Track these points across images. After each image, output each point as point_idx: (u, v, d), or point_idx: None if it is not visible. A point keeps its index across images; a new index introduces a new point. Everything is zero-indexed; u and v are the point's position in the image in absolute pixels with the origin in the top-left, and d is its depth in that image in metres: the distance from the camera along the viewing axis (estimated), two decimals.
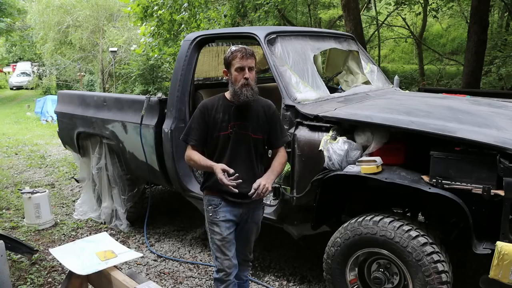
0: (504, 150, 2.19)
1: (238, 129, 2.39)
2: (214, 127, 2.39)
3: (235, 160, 2.39)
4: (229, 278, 2.45)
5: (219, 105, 2.41)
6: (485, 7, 7.06)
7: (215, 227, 2.44)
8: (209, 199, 2.47)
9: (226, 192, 2.35)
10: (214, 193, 2.45)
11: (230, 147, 2.39)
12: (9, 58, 35.92)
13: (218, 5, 9.69)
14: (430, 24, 17.93)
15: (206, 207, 2.49)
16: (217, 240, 2.44)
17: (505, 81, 10.31)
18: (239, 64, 2.32)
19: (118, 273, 2.35)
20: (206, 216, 2.50)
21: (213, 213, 2.44)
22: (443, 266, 2.35)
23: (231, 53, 2.35)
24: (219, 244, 2.43)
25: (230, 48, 2.40)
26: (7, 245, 2.89)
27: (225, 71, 2.43)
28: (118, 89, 16.98)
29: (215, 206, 2.43)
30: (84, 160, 4.75)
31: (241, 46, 2.39)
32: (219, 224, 2.43)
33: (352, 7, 7.66)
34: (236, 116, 2.40)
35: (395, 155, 2.60)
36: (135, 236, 4.32)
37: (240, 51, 2.34)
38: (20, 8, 25.61)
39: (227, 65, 2.39)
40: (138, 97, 4.03)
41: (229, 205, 2.43)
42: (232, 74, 2.36)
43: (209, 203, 2.47)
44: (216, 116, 2.39)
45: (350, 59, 4.09)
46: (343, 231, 2.63)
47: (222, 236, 2.43)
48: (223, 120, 2.39)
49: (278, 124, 2.52)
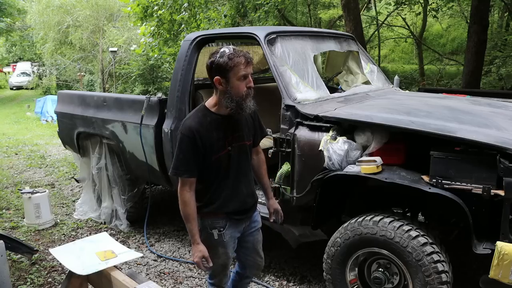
0: (504, 150, 2.19)
1: (236, 142, 2.17)
2: (211, 149, 2.10)
3: (238, 177, 2.22)
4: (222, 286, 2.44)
5: (208, 122, 2.09)
6: (485, 7, 7.06)
7: (221, 249, 2.26)
8: (212, 222, 2.22)
9: (232, 212, 2.22)
10: (218, 215, 2.23)
11: (232, 165, 2.17)
12: (9, 58, 35.91)
13: (218, 5, 9.68)
14: (430, 24, 17.92)
15: (209, 230, 2.23)
16: (221, 262, 2.29)
17: (505, 81, 10.30)
18: (244, 72, 2.01)
19: (118, 273, 2.34)
20: (208, 239, 2.23)
21: (218, 236, 2.22)
22: (443, 266, 2.35)
23: (229, 59, 1.98)
24: (223, 264, 2.32)
25: (222, 51, 2.01)
26: (7, 245, 2.89)
27: (217, 79, 2.03)
28: (118, 89, 16.96)
29: (220, 229, 2.22)
30: (84, 160, 4.75)
31: (237, 49, 2.04)
32: (226, 245, 2.26)
33: (352, 7, 7.66)
34: (231, 129, 2.15)
35: (395, 155, 2.60)
36: (135, 236, 4.32)
37: (244, 56, 2.01)
38: (20, 8, 25.62)
39: (223, 72, 2.00)
40: (138, 97, 4.03)
41: (235, 223, 2.28)
42: (231, 83, 2.01)
43: (212, 226, 2.22)
44: (211, 136, 2.08)
45: (350, 59, 4.09)
46: (343, 231, 2.63)
47: (228, 256, 2.31)
48: (219, 138, 2.11)
49: (260, 121, 2.36)
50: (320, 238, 3.14)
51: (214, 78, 2.05)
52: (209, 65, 2.06)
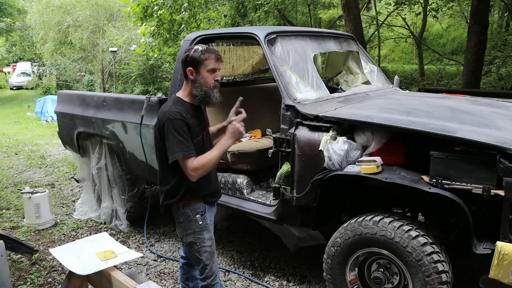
0: (504, 150, 2.19)
1: (205, 130, 2.44)
2: (192, 134, 2.29)
3: None
4: (216, 281, 2.48)
5: (186, 110, 2.30)
6: (485, 7, 7.05)
7: (205, 233, 2.41)
8: (194, 207, 2.38)
9: (208, 195, 2.43)
10: (198, 200, 2.40)
11: (205, 150, 2.35)
12: (9, 58, 35.91)
13: (218, 5, 9.69)
14: (430, 24, 17.93)
15: (193, 217, 2.38)
16: (208, 246, 2.41)
17: (505, 81, 10.30)
18: (214, 66, 2.28)
19: (118, 273, 2.35)
20: (193, 226, 2.39)
21: (202, 220, 2.38)
22: (443, 266, 2.35)
23: (202, 53, 2.26)
24: (209, 250, 2.43)
25: (196, 48, 2.30)
26: (7, 245, 2.89)
27: (190, 69, 2.30)
28: (118, 89, 16.97)
29: (202, 213, 2.39)
30: (84, 160, 4.75)
31: (210, 47, 2.33)
32: (209, 228, 2.42)
33: (352, 7, 7.66)
34: (201, 118, 2.42)
35: (395, 155, 2.60)
36: (135, 236, 4.32)
37: (214, 52, 2.28)
38: (20, 8, 25.63)
39: (195, 64, 2.27)
40: (138, 97, 4.03)
41: (211, 206, 2.48)
42: (201, 74, 2.28)
43: (195, 211, 2.38)
44: (191, 121, 2.29)
45: (350, 59, 4.09)
46: (343, 231, 2.63)
47: (212, 239, 2.45)
48: (196, 124, 2.33)
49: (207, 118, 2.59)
50: (319, 243, 3.15)
51: (187, 69, 2.31)
52: (183, 58, 2.33)
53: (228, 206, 3.33)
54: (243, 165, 3.50)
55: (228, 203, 3.34)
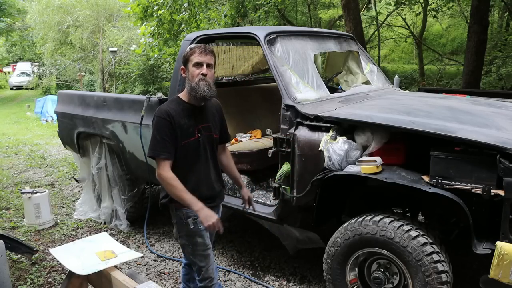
0: (504, 150, 2.19)
1: (204, 132, 2.37)
2: (181, 134, 2.27)
3: (207, 163, 2.39)
4: (214, 282, 2.46)
5: (181, 109, 2.30)
6: (485, 7, 7.05)
7: (198, 238, 2.37)
8: (186, 211, 2.33)
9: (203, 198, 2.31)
10: None
11: (201, 151, 2.35)
12: (9, 58, 35.90)
13: (218, 5, 9.69)
14: (430, 24, 17.92)
15: (184, 220, 2.35)
16: (201, 250, 2.39)
17: (505, 81, 10.29)
18: (198, 60, 2.26)
19: (118, 273, 2.34)
20: (184, 229, 2.38)
21: (194, 224, 2.34)
22: (443, 266, 2.35)
23: (189, 49, 2.29)
24: (203, 253, 2.40)
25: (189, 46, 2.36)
26: (7, 245, 2.89)
27: (182, 68, 2.35)
28: (118, 89, 16.97)
29: (194, 217, 2.32)
30: (84, 160, 4.75)
31: (203, 45, 2.32)
32: (202, 234, 2.37)
33: (352, 7, 7.65)
34: (200, 119, 2.36)
35: (395, 155, 2.60)
36: (135, 236, 4.32)
37: (199, 47, 2.28)
38: (20, 8, 25.62)
39: (184, 62, 2.32)
40: (138, 97, 4.03)
41: None
42: (189, 70, 2.29)
43: (187, 215, 2.33)
44: (182, 122, 2.27)
45: (350, 59, 4.09)
46: (343, 231, 2.63)
47: (206, 245, 2.41)
48: (189, 125, 2.30)
49: (225, 121, 2.58)
50: (318, 246, 3.14)
51: (180, 69, 2.37)
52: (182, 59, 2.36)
53: (228, 206, 3.33)
54: (243, 165, 3.50)
55: (228, 203, 3.33)
